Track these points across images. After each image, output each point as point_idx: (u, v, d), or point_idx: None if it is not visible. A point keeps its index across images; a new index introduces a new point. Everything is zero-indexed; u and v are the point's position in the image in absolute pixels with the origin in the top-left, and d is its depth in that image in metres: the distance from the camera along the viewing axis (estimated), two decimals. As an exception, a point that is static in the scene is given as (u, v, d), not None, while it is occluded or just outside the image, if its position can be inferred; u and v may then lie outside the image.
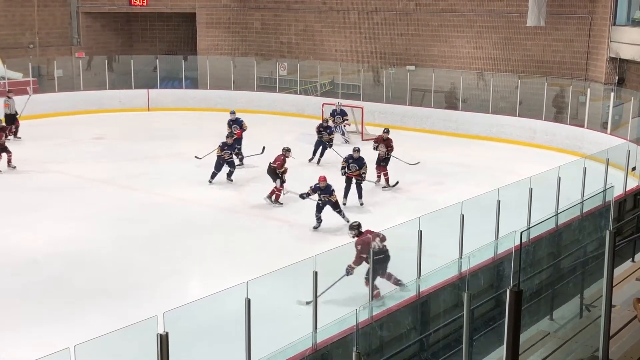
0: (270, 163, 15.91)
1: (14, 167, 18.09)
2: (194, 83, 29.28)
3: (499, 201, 10.93)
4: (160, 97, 27.37)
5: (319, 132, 19.51)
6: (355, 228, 10.84)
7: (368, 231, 10.63)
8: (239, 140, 18.56)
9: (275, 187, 15.63)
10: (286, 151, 16.09)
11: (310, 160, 19.42)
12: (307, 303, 9.55)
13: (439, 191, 16.80)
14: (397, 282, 10.23)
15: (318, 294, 8.62)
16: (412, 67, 26.31)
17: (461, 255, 10.07)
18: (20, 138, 21.58)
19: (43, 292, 11.11)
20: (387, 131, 17.79)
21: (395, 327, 8.92)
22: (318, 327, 8.15)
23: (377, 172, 17.30)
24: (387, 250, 10.13)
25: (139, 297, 10.96)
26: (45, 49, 29.14)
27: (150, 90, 27.29)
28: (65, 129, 23.40)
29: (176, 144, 21.21)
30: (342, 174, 15.68)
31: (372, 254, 9.64)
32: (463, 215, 10.09)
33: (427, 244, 9.59)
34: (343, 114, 21.87)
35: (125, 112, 26.42)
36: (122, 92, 26.99)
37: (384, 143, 17.35)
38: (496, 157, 20.75)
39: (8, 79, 26.35)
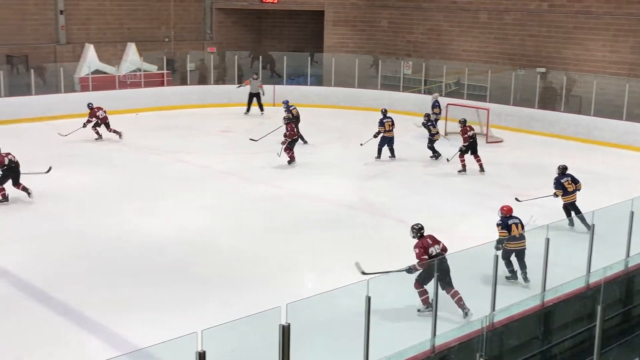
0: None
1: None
2: (318, 80, 29.57)
3: (632, 212, 10.41)
4: (285, 93, 27.75)
5: (427, 127, 19.37)
6: (416, 230, 10.18)
7: (430, 236, 10.10)
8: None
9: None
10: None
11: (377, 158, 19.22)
12: (363, 273, 9.77)
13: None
14: (462, 307, 9.58)
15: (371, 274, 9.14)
16: (543, 70, 25.51)
17: (590, 266, 9.67)
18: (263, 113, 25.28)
19: (167, 277, 11.51)
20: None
21: (517, 335, 8.68)
22: (437, 331, 8.03)
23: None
24: (445, 261, 9.51)
25: (256, 287, 11.15)
26: (179, 43, 30.27)
27: (276, 86, 27.78)
28: (195, 121, 24.20)
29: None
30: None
31: (432, 261, 9.31)
32: (594, 225, 9.68)
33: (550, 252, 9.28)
34: (434, 106, 21.77)
35: (252, 107, 26.97)
36: (248, 87, 27.59)
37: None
38: (629, 166, 19.77)
39: (144, 70, 27.54)
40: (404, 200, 15.85)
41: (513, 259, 10.78)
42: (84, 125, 20.69)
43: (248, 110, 25.95)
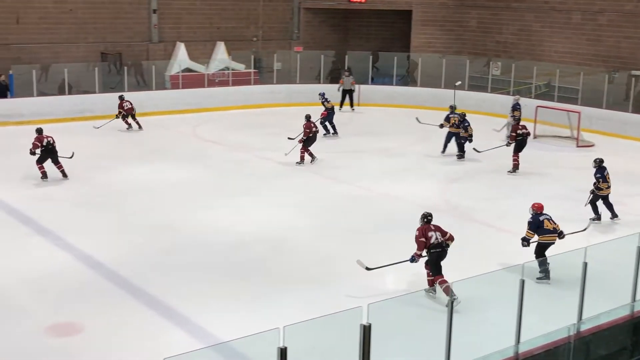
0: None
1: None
2: (404, 80, 29.42)
3: None
4: (370, 93, 27.78)
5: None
6: (422, 217, 10.89)
7: (435, 225, 10.78)
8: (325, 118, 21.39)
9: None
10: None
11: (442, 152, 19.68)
12: (367, 269, 10.90)
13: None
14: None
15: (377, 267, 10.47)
16: (638, 73, 24.60)
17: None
18: (354, 109, 26.23)
19: (250, 273, 11.68)
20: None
21: (606, 345, 8.41)
22: (521, 338, 7.85)
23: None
24: (446, 247, 10.56)
25: (337, 286, 11.18)
26: (266, 43, 30.65)
27: (361, 85, 27.78)
28: (281, 119, 24.46)
29: (382, 140, 21.40)
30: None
31: (430, 247, 10.49)
32: (690, 235, 9.26)
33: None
34: (514, 108, 21.35)
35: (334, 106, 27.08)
36: (333, 86, 27.70)
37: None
38: None
39: (232, 69, 28.03)
40: (490, 204, 15.59)
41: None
42: (117, 117, 21.81)
43: (342, 105, 26.38)
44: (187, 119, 24.24)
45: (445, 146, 19.67)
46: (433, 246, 10.54)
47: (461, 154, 19.27)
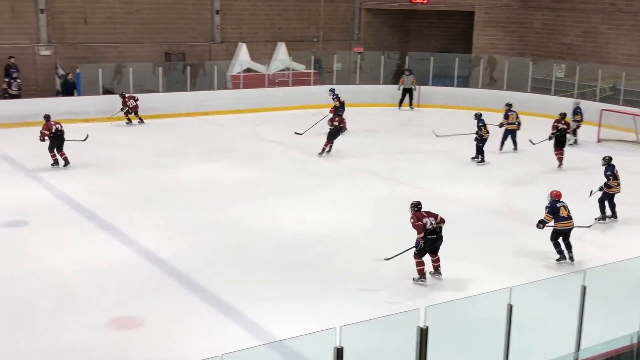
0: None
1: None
2: (465, 81, 29.12)
3: None
4: (430, 94, 27.60)
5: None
6: (412, 206, 11.41)
7: (427, 211, 11.30)
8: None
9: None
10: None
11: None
12: (386, 259, 11.47)
13: None
14: (436, 268, 11.31)
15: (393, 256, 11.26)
16: None
17: None
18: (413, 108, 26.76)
19: (308, 272, 11.74)
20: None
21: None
22: (582, 344, 7.71)
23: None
24: (440, 232, 11.11)
25: (395, 288, 11.16)
26: (327, 43, 30.73)
27: (422, 86, 27.63)
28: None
29: (441, 141, 21.23)
30: None
31: (425, 232, 11.01)
32: None
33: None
34: (575, 112, 21.18)
35: (391, 108, 27.04)
36: (393, 87, 27.61)
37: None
38: None
39: (292, 69, 28.19)
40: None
41: (560, 240, 12.04)
42: (122, 110, 22.64)
43: (401, 104, 26.62)
44: (247, 119, 24.49)
45: (502, 144, 20.09)
46: (429, 232, 11.04)
47: (480, 157, 19.03)
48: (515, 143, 20.03)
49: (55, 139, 17.28)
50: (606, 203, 14.40)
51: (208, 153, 19.66)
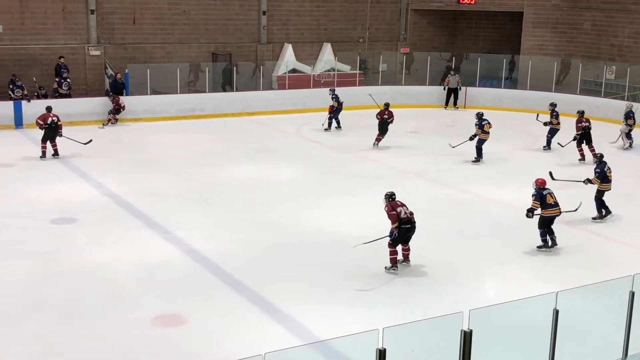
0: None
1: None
2: (513, 83, 28.78)
3: None
4: (477, 96, 27.34)
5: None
6: (387, 197, 11.74)
7: (400, 202, 11.67)
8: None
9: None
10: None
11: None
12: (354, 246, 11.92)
13: None
14: (406, 257, 11.69)
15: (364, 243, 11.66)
16: None
17: None
18: (457, 108, 26.91)
19: (348, 272, 11.70)
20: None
21: None
22: (629, 351, 7.55)
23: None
24: (414, 222, 11.50)
25: (438, 290, 11.08)
26: (372, 44, 30.66)
27: (468, 87, 27.40)
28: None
29: (487, 143, 20.94)
30: None
31: (400, 222, 11.46)
32: None
33: None
34: (627, 117, 20.86)
35: (438, 109, 26.86)
36: (438, 88, 27.44)
37: None
38: None
39: (337, 70, 28.20)
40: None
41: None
42: (110, 113, 22.67)
43: (446, 104, 26.51)
44: (292, 119, 24.58)
45: (548, 142, 20.36)
46: (403, 222, 11.40)
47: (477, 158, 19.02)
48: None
49: (50, 131, 17.98)
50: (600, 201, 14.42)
51: (253, 153, 19.79)
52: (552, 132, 20.41)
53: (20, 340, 9.35)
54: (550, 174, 15.12)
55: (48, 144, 18.07)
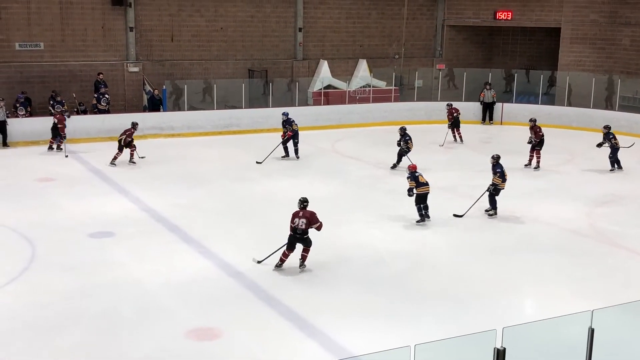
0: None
1: (134, 163, 19.85)
2: (550, 99, 28.53)
3: None
4: (514, 112, 27.15)
5: None
6: (300, 202, 12.62)
7: (305, 211, 12.47)
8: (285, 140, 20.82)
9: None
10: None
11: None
12: (258, 262, 12.49)
13: None
14: (302, 260, 12.36)
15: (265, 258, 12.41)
16: None
17: None
18: (491, 123, 27.04)
19: (383, 288, 11.70)
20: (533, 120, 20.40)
21: None
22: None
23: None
24: (305, 235, 12.26)
25: (473, 307, 11.00)
26: (408, 60, 30.68)
27: (505, 104, 27.25)
28: (419, 137, 24.30)
29: (524, 159, 20.81)
30: None
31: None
32: None
33: None
34: None
35: (474, 125, 26.71)
36: (475, 104, 27.30)
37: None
38: None
39: (373, 86, 28.26)
40: (639, 230, 14.81)
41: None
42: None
43: (484, 119, 26.69)
44: (327, 135, 24.66)
45: (613, 163, 19.99)
46: (293, 230, 12.29)
47: (395, 163, 19.87)
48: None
49: (53, 129, 20.86)
50: (496, 199, 15.63)
51: (288, 168, 19.88)
52: (614, 152, 19.88)
53: (58, 351, 9.50)
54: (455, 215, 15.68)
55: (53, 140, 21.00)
